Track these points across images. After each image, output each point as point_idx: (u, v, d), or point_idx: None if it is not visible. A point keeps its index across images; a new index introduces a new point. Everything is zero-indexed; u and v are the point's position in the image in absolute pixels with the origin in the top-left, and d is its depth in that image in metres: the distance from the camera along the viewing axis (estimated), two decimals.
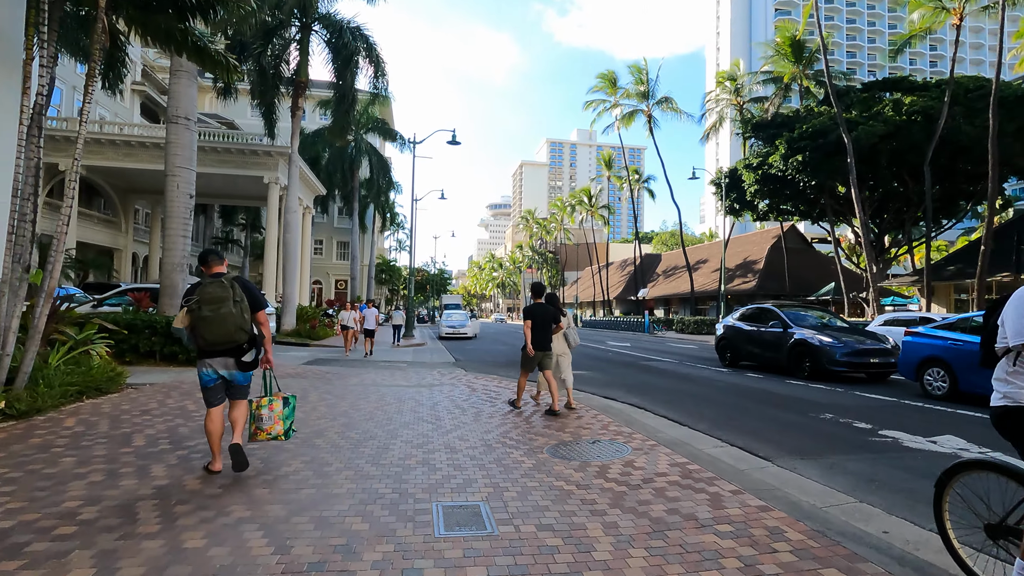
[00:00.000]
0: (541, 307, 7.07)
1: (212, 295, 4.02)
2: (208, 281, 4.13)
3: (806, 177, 28.69)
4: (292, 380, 9.53)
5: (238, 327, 4.03)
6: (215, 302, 4.02)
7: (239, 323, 4.03)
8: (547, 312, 7.04)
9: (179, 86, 11.00)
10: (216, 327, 3.98)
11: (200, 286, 4.10)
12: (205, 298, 4.02)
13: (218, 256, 4.33)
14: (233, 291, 4.07)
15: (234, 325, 4.01)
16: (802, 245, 47.49)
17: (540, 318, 6.96)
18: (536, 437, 5.68)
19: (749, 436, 6.18)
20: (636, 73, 39.69)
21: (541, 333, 6.95)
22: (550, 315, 7.05)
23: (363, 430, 5.78)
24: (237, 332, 4.03)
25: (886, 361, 11.09)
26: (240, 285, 4.17)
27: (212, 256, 4.31)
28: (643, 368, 13.89)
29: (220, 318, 3.99)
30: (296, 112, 21.63)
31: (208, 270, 4.25)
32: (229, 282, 4.11)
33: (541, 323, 6.95)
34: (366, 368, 12.09)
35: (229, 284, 4.09)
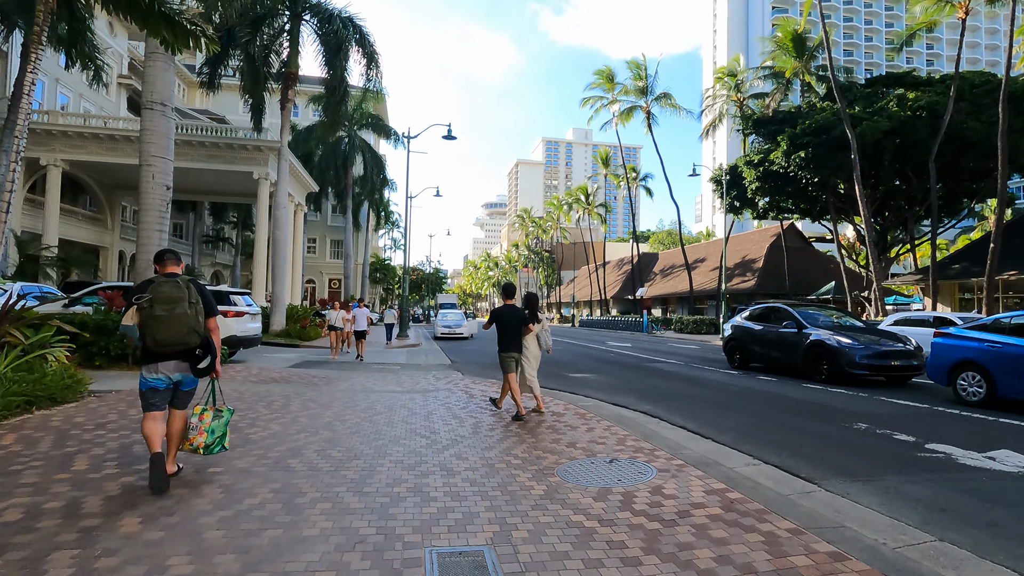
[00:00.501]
0: (509, 309, 6.82)
1: (166, 294, 3.82)
2: (162, 280, 3.92)
3: (808, 174, 28.11)
4: (275, 386, 8.80)
5: (191, 329, 3.86)
6: (169, 302, 3.82)
7: (193, 325, 3.86)
8: (514, 315, 6.79)
9: (155, 69, 10.24)
10: (168, 328, 3.79)
11: (152, 284, 3.89)
12: (159, 297, 3.81)
13: (175, 256, 4.17)
14: (188, 292, 3.90)
15: (187, 327, 3.84)
16: (801, 244, 47.04)
17: (509, 320, 6.72)
18: (544, 455, 4.98)
19: (782, 451, 5.50)
20: (635, 69, 39.03)
21: (512, 336, 6.71)
22: (517, 318, 6.80)
23: (347, 447, 5.06)
24: (190, 334, 3.86)
25: (908, 364, 10.46)
26: (195, 288, 4.00)
27: (169, 255, 4.12)
28: (649, 370, 13.22)
29: (174, 318, 3.80)
30: (286, 104, 20.84)
31: (162, 269, 4.04)
32: (184, 283, 3.95)
33: (508, 325, 6.71)
34: (356, 371, 11.37)
35: (184, 285, 3.93)
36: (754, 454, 5.28)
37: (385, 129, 40.40)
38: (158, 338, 3.79)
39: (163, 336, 3.79)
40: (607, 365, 14.38)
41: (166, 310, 3.79)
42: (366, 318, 13.70)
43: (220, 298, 12.13)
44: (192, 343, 3.89)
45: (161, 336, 3.79)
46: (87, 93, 31.04)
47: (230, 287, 43.81)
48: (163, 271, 4.05)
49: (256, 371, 10.56)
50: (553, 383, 10.55)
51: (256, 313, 13.13)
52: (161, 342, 3.81)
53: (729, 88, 38.26)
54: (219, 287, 12.56)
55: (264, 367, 11.39)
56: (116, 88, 34.23)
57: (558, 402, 7.83)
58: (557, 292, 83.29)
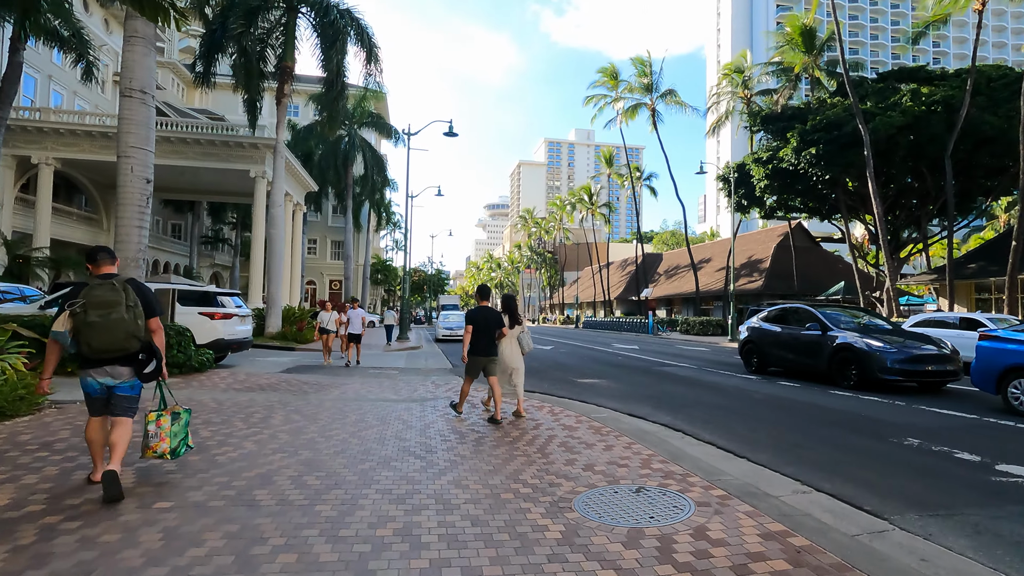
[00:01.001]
0: (484, 311, 6.63)
1: (100, 299, 3.59)
2: (96, 283, 3.68)
3: (819, 171, 27.34)
4: (260, 394, 8.09)
5: (130, 334, 3.61)
6: (104, 306, 3.58)
7: (131, 330, 3.62)
8: (489, 316, 6.60)
9: (134, 55, 9.56)
10: (104, 334, 3.54)
11: (86, 288, 3.66)
12: (92, 302, 3.58)
13: (109, 255, 3.89)
14: (126, 295, 3.65)
15: (125, 332, 3.59)
16: (809, 243, 46.24)
17: (482, 322, 6.54)
18: (558, 480, 4.26)
19: (833, 474, 4.76)
20: (639, 66, 38.31)
21: (483, 338, 6.53)
22: (492, 319, 6.61)
23: (328, 472, 4.34)
24: (128, 340, 3.62)
25: (943, 368, 9.70)
26: (134, 289, 3.75)
27: (102, 254, 3.87)
28: (661, 375, 12.48)
29: (110, 324, 3.56)
30: (282, 100, 20.18)
31: (96, 269, 3.81)
32: (121, 285, 3.69)
33: (484, 328, 6.54)
34: (351, 377, 10.66)
35: (121, 287, 3.67)
36: (802, 478, 4.54)
37: (386, 127, 39.75)
38: (94, 345, 3.55)
39: (99, 343, 3.55)
40: (616, 369, 13.64)
41: (101, 316, 3.55)
42: (361, 320, 12.81)
43: (207, 299, 11.46)
44: (131, 348, 3.65)
45: (97, 343, 3.55)
46: (81, 91, 30.47)
47: (229, 288, 43.26)
48: (97, 271, 3.79)
49: (243, 377, 9.86)
50: (561, 390, 9.83)
51: (246, 315, 12.44)
52: (97, 349, 3.56)
53: (736, 85, 37.51)
54: (206, 287, 11.87)
55: (252, 372, 10.68)
56: (112, 86, 33.66)
57: (569, 413, 7.10)
58: (560, 293, 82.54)
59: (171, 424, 3.93)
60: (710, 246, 58.15)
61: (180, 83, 49.74)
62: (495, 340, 6.64)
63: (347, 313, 12.77)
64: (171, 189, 31.94)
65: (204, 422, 5.97)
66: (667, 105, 39.16)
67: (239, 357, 13.60)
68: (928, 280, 29.55)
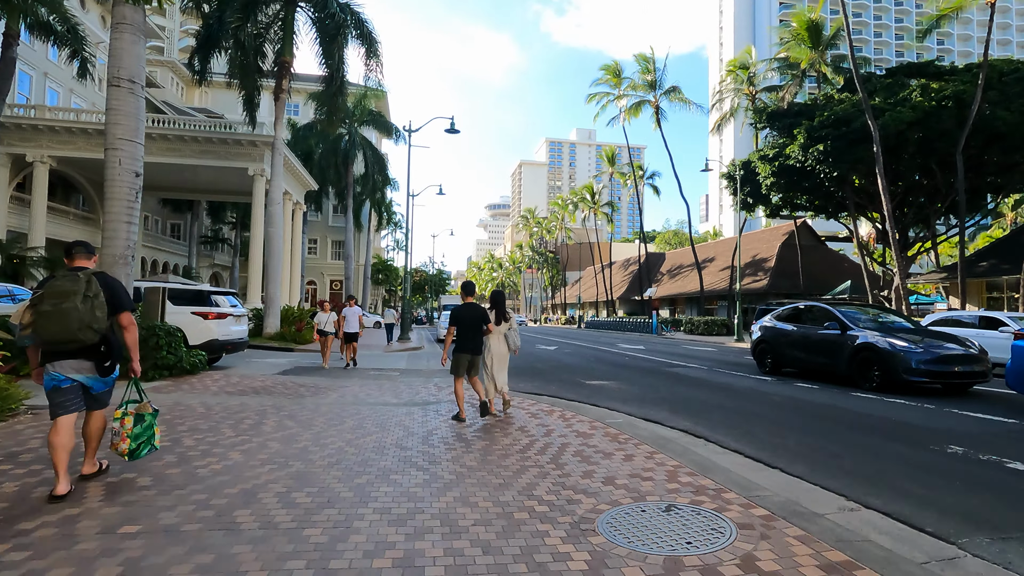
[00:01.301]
0: (469, 308, 6.50)
1: (58, 288, 3.51)
2: (62, 274, 3.64)
3: (827, 168, 26.88)
4: (253, 398, 7.66)
5: (84, 325, 3.49)
6: (58, 296, 3.49)
7: (86, 320, 3.50)
8: (475, 313, 6.48)
9: (122, 42, 9.12)
10: (54, 323, 3.45)
11: (50, 279, 3.64)
12: (49, 291, 3.51)
13: (86, 249, 3.86)
14: (88, 286, 3.57)
15: (78, 322, 3.47)
16: (814, 242, 45.78)
17: (468, 320, 6.42)
18: (578, 496, 3.81)
19: (880, 487, 4.31)
20: (643, 62, 37.86)
21: (469, 335, 6.43)
22: (479, 316, 6.48)
23: (320, 487, 3.90)
24: (82, 331, 3.49)
25: (970, 370, 9.24)
26: (101, 282, 3.69)
27: (78, 248, 3.85)
28: (672, 377, 12.02)
29: (60, 313, 3.45)
30: (279, 95, 19.75)
31: (71, 263, 3.80)
32: (87, 276, 3.62)
33: (468, 325, 6.42)
34: (350, 379, 10.22)
35: (85, 279, 3.60)
36: (846, 493, 4.09)
37: (386, 126, 39.32)
38: (43, 335, 3.48)
39: (48, 333, 3.47)
40: (624, 371, 13.19)
41: (52, 305, 3.46)
42: (358, 319, 12.20)
43: (201, 299, 11.03)
44: (86, 340, 3.52)
45: (46, 333, 3.47)
46: (78, 89, 30.10)
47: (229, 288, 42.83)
48: (71, 265, 3.79)
49: (236, 379, 9.42)
50: (570, 392, 9.38)
51: (242, 315, 12.01)
52: (48, 339, 3.49)
53: (741, 81, 37.06)
54: (200, 286, 11.44)
55: (247, 375, 10.25)
56: None
57: (581, 418, 6.65)
58: (563, 293, 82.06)
59: (133, 425, 3.85)
60: (713, 245, 57.69)
61: (179, 82, 49.42)
62: (481, 337, 6.52)
63: (342, 311, 12.24)
64: (169, 188, 31.57)
65: (190, 429, 5.54)
66: (670, 103, 38.74)
67: (235, 358, 13.18)
68: (937, 279, 29.07)
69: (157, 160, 24.72)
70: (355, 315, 12.14)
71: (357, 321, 12.12)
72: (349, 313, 12.12)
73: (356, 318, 12.09)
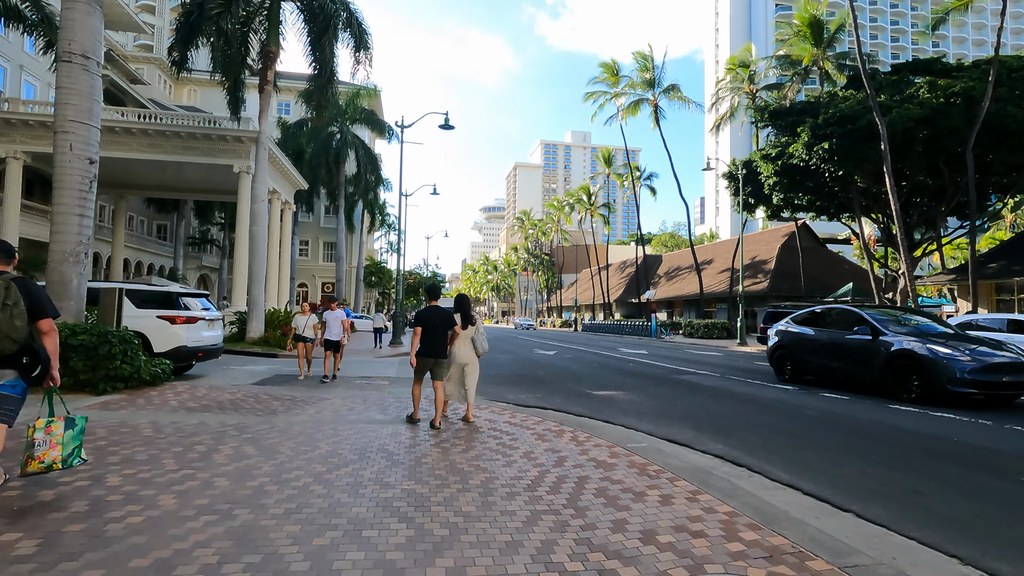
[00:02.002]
0: (434, 310, 6.33)
1: None
2: None
3: (832, 167, 26.10)
4: (214, 415, 6.64)
5: (3, 335, 3.35)
6: None
7: (4, 330, 3.34)
8: (440, 316, 6.33)
9: (74, 13, 8.12)
10: None
11: None
12: None
13: (4, 252, 3.60)
14: (7, 293, 3.40)
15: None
16: (814, 244, 45.16)
17: (433, 322, 6.29)
18: (610, 563, 2.84)
19: (995, 542, 3.36)
20: (641, 60, 37.04)
21: (433, 339, 6.28)
22: (443, 320, 6.34)
23: (268, 551, 2.90)
24: (2, 341, 3.35)
25: (1019, 380, 8.35)
26: (20, 288, 3.47)
27: None
28: (685, 386, 11.08)
29: None
30: (265, 88, 18.74)
31: None
32: (5, 283, 3.43)
33: (433, 328, 6.28)
34: (333, 390, 9.21)
35: (4, 285, 3.41)
36: (955, 551, 3.14)
37: (379, 124, 38.32)
38: None
39: None
40: (632, 379, 12.24)
41: None
42: (341, 324, 10.57)
43: (168, 301, 9.99)
44: (5, 350, 3.39)
45: None
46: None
47: (217, 291, 41.56)
48: None
49: (203, 392, 8.39)
50: (577, 405, 8.41)
51: (216, 319, 10.96)
52: None
53: (740, 80, 36.30)
54: (169, 287, 10.39)
55: (217, 385, 9.21)
56: None
57: (598, 442, 5.67)
58: (558, 296, 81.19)
59: (64, 430, 3.69)
60: (711, 247, 56.99)
61: (167, 80, 48.26)
62: (446, 341, 6.39)
63: (323, 315, 10.87)
64: (154, 187, 30.44)
65: (123, 461, 4.52)
66: (669, 102, 37.94)
67: (210, 366, 12.13)
68: (945, 280, 28.34)
69: (138, 157, 23.67)
70: (338, 320, 10.63)
71: (340, 327, 10.65)
72: (330, 318, 10.63)
73: (339, 323, 10.66)
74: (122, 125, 22.91)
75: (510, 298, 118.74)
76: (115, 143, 23.26)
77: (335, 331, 10.59)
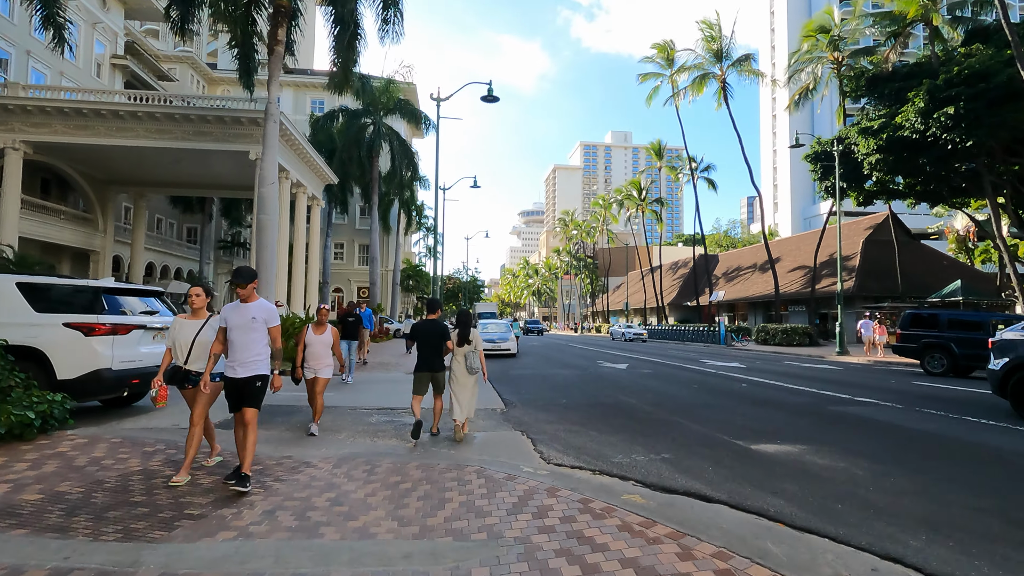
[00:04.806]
0: (427, 324, 6.24)
1: None
2: None
3: (958, 135, 21.28)
4: (36, 542, 3.12)
5: None
6: None
7: None
8: (433, 330, 6.19)
9: None
10: None
11: None
12: None
13: None
14: None
15: None
16: (905, 237, 39.55)
17: (425, 336, 6.15)
18: None
19: None
20: (707, 30, 32.61)
21: (427, 352, 6.15)
22: (437, 333, 6.18)
23: None
24: None
25: None
26: None
27: None
28: (884, 431, 7.03)
29: None
30: (275, 48, 15.56)
31: None
32: None
33: (427, 341, 6.14)
34: (332, 440, 5.70)
35: None
36: None
37: (415, 114, 35.09)
38: None
39: None
40: (779, 414, 8.24)
41: None
42: (332, 346, 6.54)
43: (86, 301, 6.62)
44: None
45: None
46: (72, 72, 26.93)
47: None
48: None
49: (100, 455, 4.95)
50: (753, 487, 4.49)
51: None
52: None
53: (821, 47, 31.42)
54: (92, 281, 7.03)
55: (140, 438, 5.77)
56: (109, 68, 30.10)
57: None
58: (603, 299, 76.70)
59: None
60: (776, 244, 51.72)
61: (199, 79, 46.71)
62: (440, 355, 6.24)
63: (305, 333, 6.58)
64: (171, 183, 28.12)
65: None
66: (738, 77, 33.32)
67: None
68: None
69: (147, 144, 21.05)
70: (326, 345, 6.51)
71: (329, 354, 6.56)
72: (314, 342, 6.48)
73: (328, 349, 6.52)
74: (127, 109, 20.33)
75: (551, 303, 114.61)
76: (122, 129, 20.74)
77: (321, 359, 6.48)
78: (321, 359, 6.49)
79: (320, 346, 6.50)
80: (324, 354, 6.52)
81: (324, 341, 6.52)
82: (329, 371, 6.58)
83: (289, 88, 47.46)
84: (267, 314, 4.43)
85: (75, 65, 27.30)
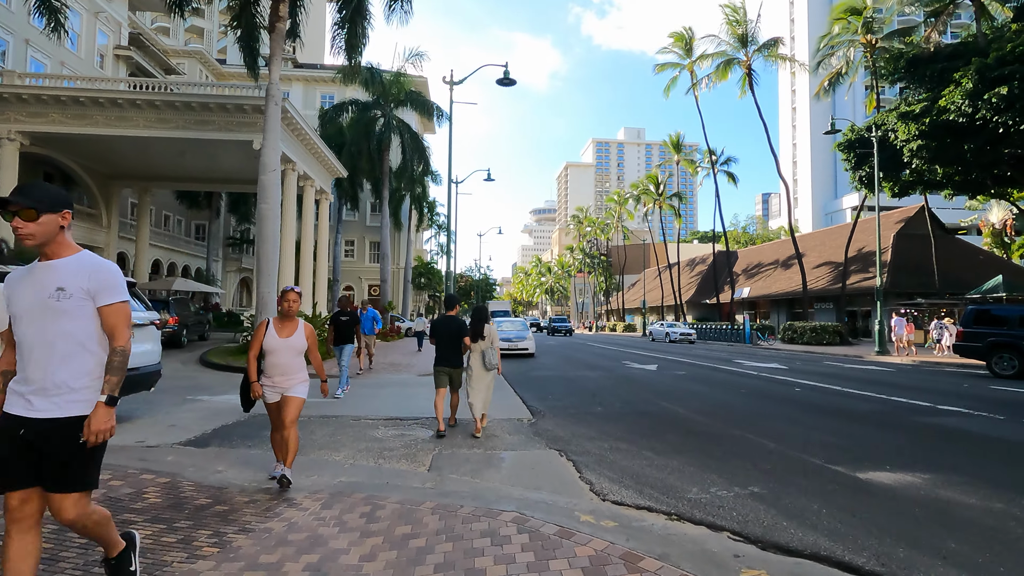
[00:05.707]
0: (446, 320, 6.38)
1: None
2: None
3: (1011, 117, 19.69)
4: None
5: None
6: None
7: None
8: (451, 326, 6.30)
9: None
10: None
11: None
12: None
13: None
14: None
15: None
16: (939, 231, 37.69)
17: (444, 332, 6.29)
18: None
19: None
20: (732, 14, 31.06)
21: (446, 348, 6.26)
22: (455, 329, 6.28)
23: None
24: None
25: None
26: None
27: None
28: (967, 440, 5.72)
29: None
30: (277, 24, 14.46)
31: None
32: None
33: (446, 337, 6.27)
34: (339, 437, 4.50)
35: None
36: None
37: (427, 106, 33.86)
38: None
39: None
40: (858, 427, 6.94)
41: None
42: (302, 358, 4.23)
43: None
44: None
45: None
46: (71, 61, 26.08)
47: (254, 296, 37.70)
48: None
49: None
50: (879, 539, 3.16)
51: (143, 324, 6.45)
52: None
53: (853, 30, 29.76)
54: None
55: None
56: (113, 61, 29.28)
57: None
58: (618, 297, 75.13)
59: None
60: (801, 239, 49.89)
61: (208, 74, 46.01)
62: (459, 351, 6.30)
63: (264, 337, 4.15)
64: (175, 177, 27.18)
65: None
66: (766, 61, 31.74)
67: (138, 402, 7.67)
68: None
69: (147, 134, 20.05)
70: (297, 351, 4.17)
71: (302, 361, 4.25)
72: (279, 348, 4.11)
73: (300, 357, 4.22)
74: (126, 97, 19.33)
75: (564, 301, 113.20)
76: (122, 119, 19.76)
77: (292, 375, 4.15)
78: (290, 372, 4.13)
79: (287, 353, 4.12)
80: (294, 365, 4.15)
81: (293, 345, 4.14)
82: (304, 388, 4.20)
83: (299, 83, 46.61)
84: (94, 279, 2.16)
85: (77, 55, 26.49)
